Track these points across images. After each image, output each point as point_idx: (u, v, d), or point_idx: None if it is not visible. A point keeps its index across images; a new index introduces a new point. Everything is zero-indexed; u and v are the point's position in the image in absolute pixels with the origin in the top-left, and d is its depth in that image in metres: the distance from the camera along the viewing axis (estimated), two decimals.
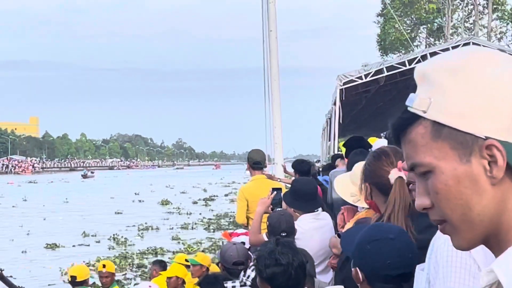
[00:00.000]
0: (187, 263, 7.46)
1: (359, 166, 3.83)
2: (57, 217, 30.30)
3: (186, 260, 7.55)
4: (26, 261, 18.44)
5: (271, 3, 10.75)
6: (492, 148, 1.01)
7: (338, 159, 8.38)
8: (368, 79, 23.18)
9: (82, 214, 31.19)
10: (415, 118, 1.05)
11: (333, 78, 23.17)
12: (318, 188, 5.86)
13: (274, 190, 5.67)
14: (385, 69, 23.20)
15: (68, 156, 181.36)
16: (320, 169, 11.70)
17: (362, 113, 36.46)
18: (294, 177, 8.23)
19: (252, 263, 4.63)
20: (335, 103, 22.45)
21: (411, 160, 1.07)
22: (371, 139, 7.50)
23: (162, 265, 8.11)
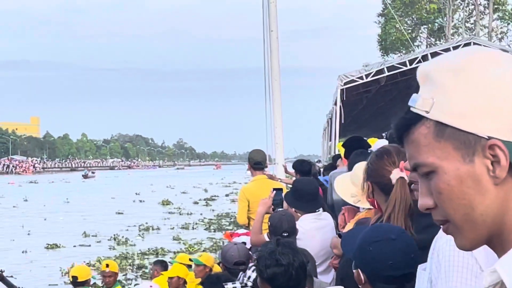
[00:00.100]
0: (189, 263, 7.46)
1: (360, 167, 3.83)
2: (58, 217, 30.30)
3: (190, 260, 7.54)
4: (27, 261, 18.44)
5: (272, 3, 10.73)
6: (495, 148, 1.01)
7: (339, 159, 8.37)
8: (369, 79, 23.15)
9: (83, 214, 31.17)
10: (418, 118, 1.05)
11: (334, 78, 23.17)
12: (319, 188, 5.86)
13: (275, 191, 5.66)
14: (386, 69, 23.18)
15: (69, 156, 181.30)
16: (322, 169, 11.69)
17: (363, 113, 36.41)
18: (295, 177, 8.23)
19: (252, 264, 4.63)
20: (336, 103, 22.44)
21: (414, 160, 1.07)
22: (371, 140, 7.49)
23: (163, 265, 8.11)
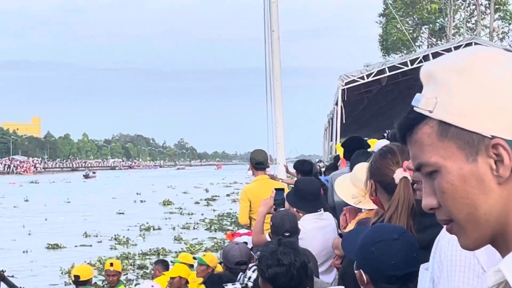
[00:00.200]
0: (191, 262, 7.46)
1: (359, 168, 3.83)
2: (59, 218, 30.27)
3: (194, 258, 7.53)
4: (28, 261, 18.43)
5: (273, 3, 10.74)
6: (499, 147, 1.01)
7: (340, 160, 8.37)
8: (370, 79, 23.19)
9: (84, 215, 31.14)
10: (422, 118, 1.05)
11: (334, 78, 23.22)
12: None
13: (277, 191, 5.66)
14: (387, 69, 23.22)
15: (70, 156, 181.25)
16: (323, 169, 11.69)
17: (364, 113, 36.44)
18: (296, 177, 8.22)
19: (253, 264, 4.63)
20: (337, 103, 22.48)
21: (418, 160, 1.07)
22: (371, 141, 7.50)
23: (165, 265, 8.12)
